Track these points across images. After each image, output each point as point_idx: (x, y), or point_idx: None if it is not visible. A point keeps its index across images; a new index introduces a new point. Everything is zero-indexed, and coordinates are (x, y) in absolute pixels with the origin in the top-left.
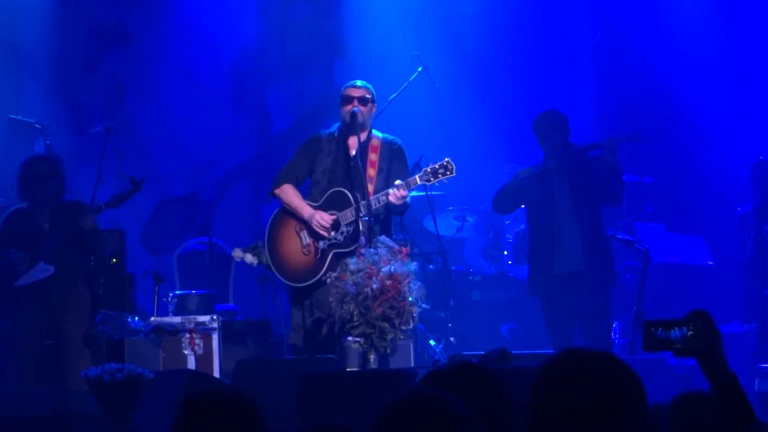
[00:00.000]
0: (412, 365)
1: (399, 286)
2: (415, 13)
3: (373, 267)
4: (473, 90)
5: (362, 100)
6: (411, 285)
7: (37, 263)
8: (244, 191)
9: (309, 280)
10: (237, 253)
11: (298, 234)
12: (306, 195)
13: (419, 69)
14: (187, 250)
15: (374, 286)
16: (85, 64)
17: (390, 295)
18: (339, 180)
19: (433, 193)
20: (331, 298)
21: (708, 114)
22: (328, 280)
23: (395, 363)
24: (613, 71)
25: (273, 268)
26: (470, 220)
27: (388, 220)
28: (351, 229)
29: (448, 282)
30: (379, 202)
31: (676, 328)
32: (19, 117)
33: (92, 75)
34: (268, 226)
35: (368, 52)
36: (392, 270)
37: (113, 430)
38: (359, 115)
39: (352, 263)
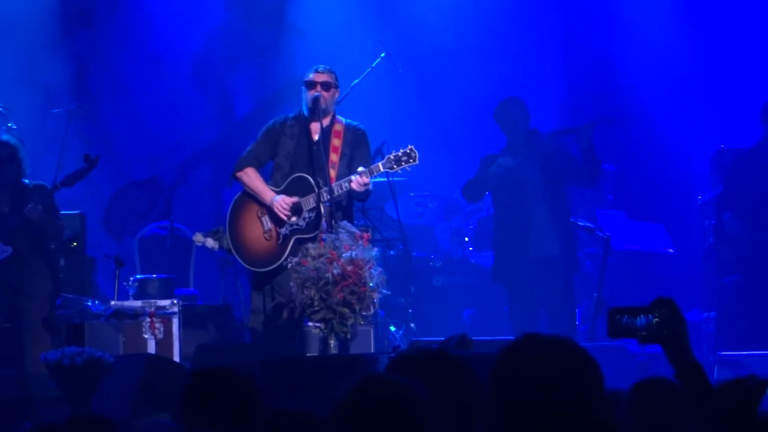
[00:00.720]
0: (372, 351)
1: (360, 271)
2: None
3: (334, 252)
4: (436, 76)
5: (325, 86)
6: (372, 271)
7: None
8: (206, 176)
9: (270, 265)
10: (198, 238)
11: (259, 219)
12: (268, 179)
13: (382, 55)
14: (148, 234)
15: (335, 271)
16: (48, 46)
17: (351, 280)
18: (301, 165)
19: (395, 179)
20: (291, 283)
21: (670, 103)
22: (289, 266)
23: (355, 348)
24: (577, 59)
25: (234, 252)
26: (431, 206)
27: (350, 205)
28: (313, 214)
29: (408, 268)
30: (341, 189)
31: (641, 316)
32: None
33: (55, 57)
34: (229, 210)
35: (331, 38)
36: (353, 255)
37: (73, 414)
38: (322, 101)
39: (313, 248)
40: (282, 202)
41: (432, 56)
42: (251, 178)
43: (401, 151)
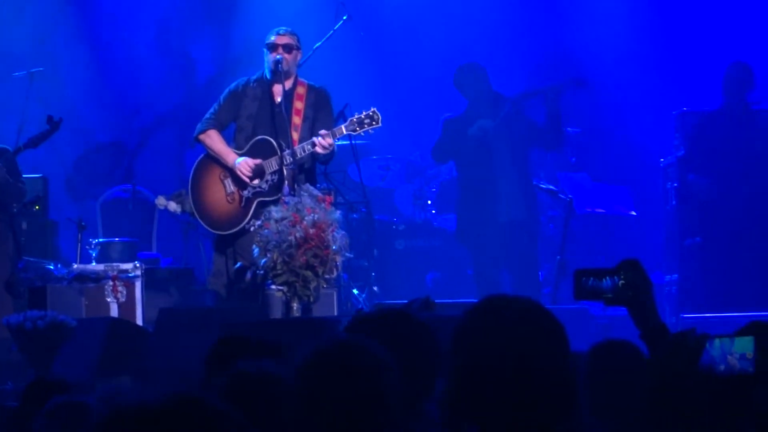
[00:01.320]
0: (336, 314)
1: (322, 234)
2: None
3: (296, 215)
4: (398, 39)
5: (287, 48)
6: (335, 234)
7: None
8: (168, 139)
9: (233, 228)
10: (160, 201)
11: (222, 181)
12: (230, 142)
13: (344, 18)
14: (111, 197)
15: (298, 234)
16: (7, 8)
17: (313, 243)
18: (264, 127)
19: (358, 142)
20: (254, 246)
21: (632, 65)
22: (252, 229)
23: (318, 312)
24: (539, 22)
25: (196, 215)
26: (394, 169)
27: (312, 168)
28: (275, 177)
29: (371, 231)
30: (304, 151)
31: (607, 278)
32: None
33: (16, 21)
34: (191, 172)
35: (293, 1)
36: (316, 218)
37: (35, 377)
38: (284, 63)
39: (275, 211)
40: (245, 165)
41: (394, 19)
42: (213, 140)
43: (364, 113)
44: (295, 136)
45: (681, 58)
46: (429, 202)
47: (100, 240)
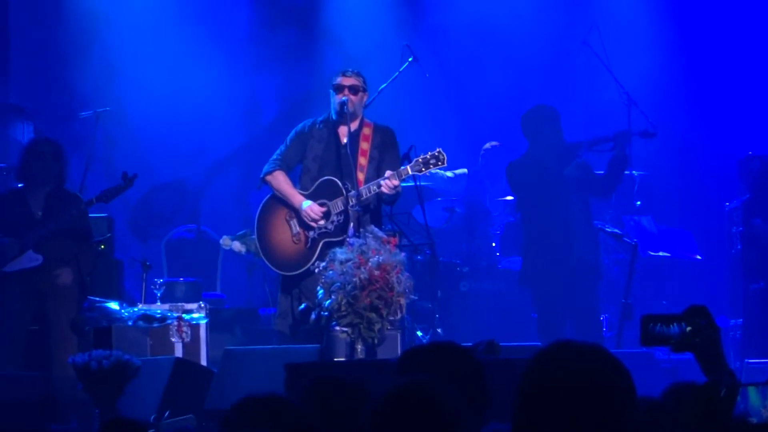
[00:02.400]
0: (399, 356)
1: (387, 276)
2: (405, 2)
3: (361, 257)
4: (463, 81)
5: (352, 89)
6: (399, 276)
7: (26, 251)
8: (232, 179)
9: (298, 269)
10: (225, 241)
11: (288, 222)
12: (296, 182)
13: (410, 59)
14: (176, 237)
15: (362, 276)
16: (75, 48)
17: (378, 285)
18: (329, 168)
19: (423, 183)
20: (319, 288)
21: (697, 109)
22: (317, 270)
23: (382, 353)
24: (602, 65)
25: (262, 255)
26: (459, 210)
27: (378, 210)
28: (341, 218)
29: (435, 273)
30: (369, 192)
31: (674, 324)
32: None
33: (82, 60)
34: (258, 213)
35: (359, 41)
36: (380, 260)
37: (100, 417)
38: (349, 104)
39: (340, 253)
40: (312, 210)
41: (459, 60)
42: (280, 181)
43: (429, 153)
44: (361, 176)
45: (746, 102)
46: (493, 244)
47: (165, 280)
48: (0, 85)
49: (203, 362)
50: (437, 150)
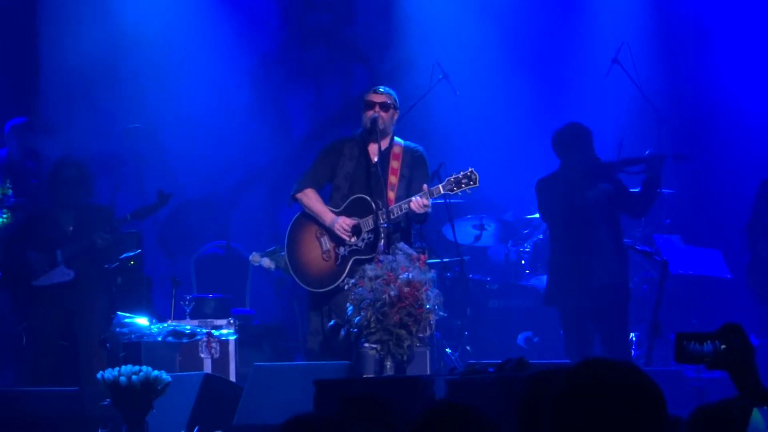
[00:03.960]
0: (428, 373)
1: (416, 293)
2: (435, 20)
3: (391, 274)
4: (493, 99)
5: (384, 107)
6: (428, 292)
7: (57, 266)
8: (261, 196)
9: (328, 285)
10: (254, 258)
11: (318, 239)
12: (327, 200)
13: (440, 77)
14: (205, 253)
15: (392, 293)
16: (104, 65)
17: (407, 302)
18: (360, 186)
19: (452, 201)
20: (348, 304)
21: (727, 127)
22: (346, 287)
23: (411, 370)
24: (633, 83)
25: (292, 272)
26: (488, 228)
27: (408, 227)
28: (371, 236)
29: (465, 290)
30: (400, 210)
31: (708, 342)
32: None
33: (111, 77)
34: (288, 230)
35: (388, 59)
36: (410, 277)
37: None
38: (380, 122)
39: (370, 270)
40: (342, 224)
41: (490, 78)
42: (311, 199)
43: (462, 173)
44: (391, 195)
45: None
46: (523, 262)
47: (194, 296)
48: (30, 103)
49: (232, 378)
50: (469, 170)
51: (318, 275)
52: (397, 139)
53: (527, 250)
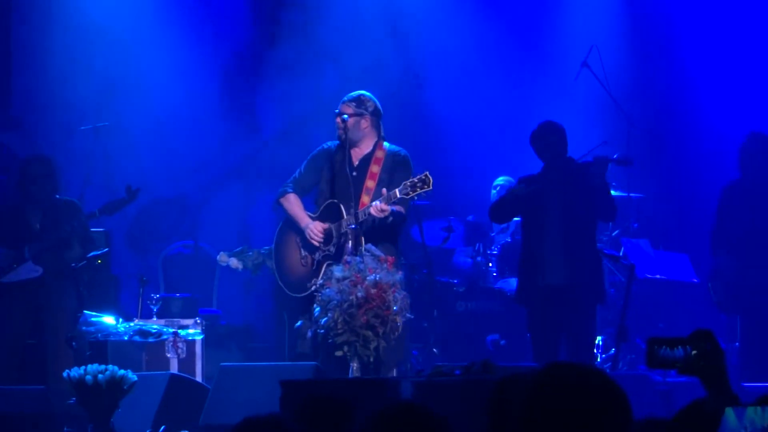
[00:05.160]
0: (395, 374)
1: (384, 295)
2: (405, 19)
3: (358, 275)
4: (462, 100)
5: (345, 116)
6: (396, 294)
7: (25, 262)
8: (231, 195)
9: (305, 290)
10: (222, 258)
11: (297, 245)
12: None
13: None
14: (173, 252)
15: (359, 294)
16: (74, 63)
17: (375, 303)
18: (339, 191)
19: (420, 203)
20: (315, 305)
21: (696, 131)
22: (313, 288)
23: (377, 372)
24: (602, 87)
25: (276, 276)
26: (456, 231)
27: (383, 230)
28: (342, 240)
29: (432, 292)
30: (365, 215)
31: (679, 347)
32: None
33: (82, 74)
34: (276, 233)
35: (358, 58)
36: (377, 279)
37: (94, 431)
38: (339, 132)
39: (337, 271)
40: (313, 228)
41: (457, 80)
42: (291, 204)
43: (417, 177)
44: (366, 199)
45: (746, 125)
46: (490, 264)
47: (162, 295)
48: (1, 99)
49: (198, 378)
50: (424, 174)
51: (298, 279)
52: (383, 144)
53: (495, 252)
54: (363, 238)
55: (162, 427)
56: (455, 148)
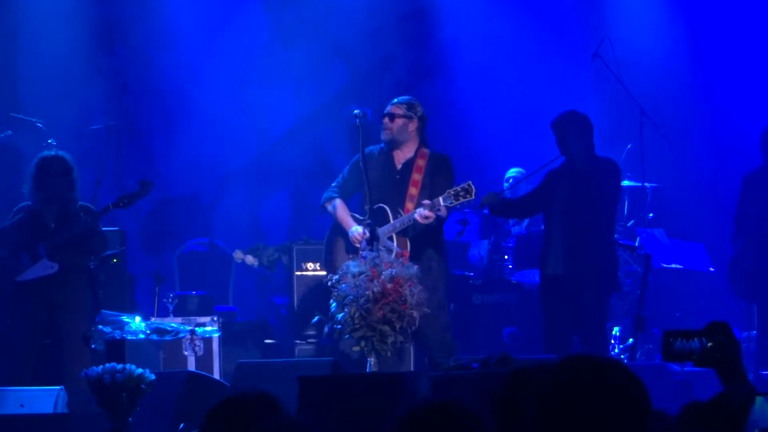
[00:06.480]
0: (412, 368)
1: (400, 289)
2: (416, 15)
3: (374, 270)
4: (472, 94)
5: (390, 116)
6: (412, 288)
7: (40, 260)
8: (244, 192)
9: None
10: (238, 255)
11: (345, 248)
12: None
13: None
14: (188, 250)
15: (375, 289)
16: (86, 62)
17: (391, 298)
18: (383, 195)
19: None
20: (331, 301)
21: (710, 120)
22: (329, 283)
23: (395, 366)
24: (614, 76)
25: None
26: (472, 223)
27: (428, 235)
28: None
29: (448, 286)
30: (410, 221)
31: (695, 339)
32: (21, 115)
33: (94, 74)
34: (326, 236)
35: (368, 54)
36: (393, 273)
37: (113, 430)
38: (386, 133)
39: (353, 266)
40: (356, 233)
41: (472, 74)
42: (336, 208)
43: (460, 186)
44: (410, 206)
45: (760, 113)
46: (506, 257)
47: (178, 293)
48: (11, 99)
49: (216, 375)
50: (467, 183)
51: None
52: (424, 149)
53: (510, 245)
54: (409, 244)
55: (181, 425)
56: (468, 141)
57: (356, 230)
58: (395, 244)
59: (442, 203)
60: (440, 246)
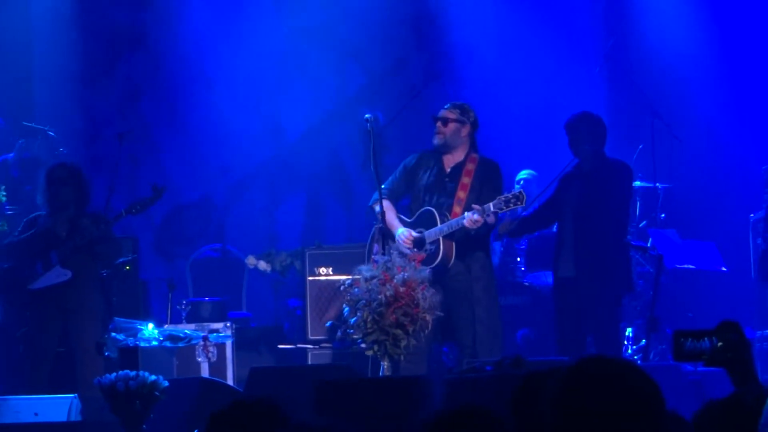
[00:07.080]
0: (426, 372)
1: (412, 293)
2: (428, 18)
3: (386, 274)
4: (483, 97)
5: (443, 121)
6: (424, 292)
7: (53, 267)
8: (257, 198)
9: None
10: (251, 260)
11: (390, 250)
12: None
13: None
14: (201, 256)
15: (388, 293)
16: (98, 69)
17: (403, 302)
18: (432, 198)
19: None
20: (344, 305)
21: (721, 120)
22: (342, 288)
23: (409, 370)
24: (625, 77)
25: None
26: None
27: (476, 239)
28: (434, 247)
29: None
30: (458, 225)
31: (706, 339)
32: (32, 124)
33: (106, 80)
34: (369, 238)
35: (382, 57)
36: (406, 277)
37: None
38: (438, 137)
39: (365, 270)
40: (404, 236)
41: (482, 77)
42: (384, 210)
43: (512, 193)
44: (458, 209)
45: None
46: (518, 259)
47: (191, 300)
48: (24, 107)
49: (230, 382)
50: (519, 191)
51: None
52: (473, 153)
53: (522, 247)
54: (455, 247)
55: None
56: (479, 143)
57: (403, 232)
58: (441, 247)
59: (492, 209)
60: (487, 252)
